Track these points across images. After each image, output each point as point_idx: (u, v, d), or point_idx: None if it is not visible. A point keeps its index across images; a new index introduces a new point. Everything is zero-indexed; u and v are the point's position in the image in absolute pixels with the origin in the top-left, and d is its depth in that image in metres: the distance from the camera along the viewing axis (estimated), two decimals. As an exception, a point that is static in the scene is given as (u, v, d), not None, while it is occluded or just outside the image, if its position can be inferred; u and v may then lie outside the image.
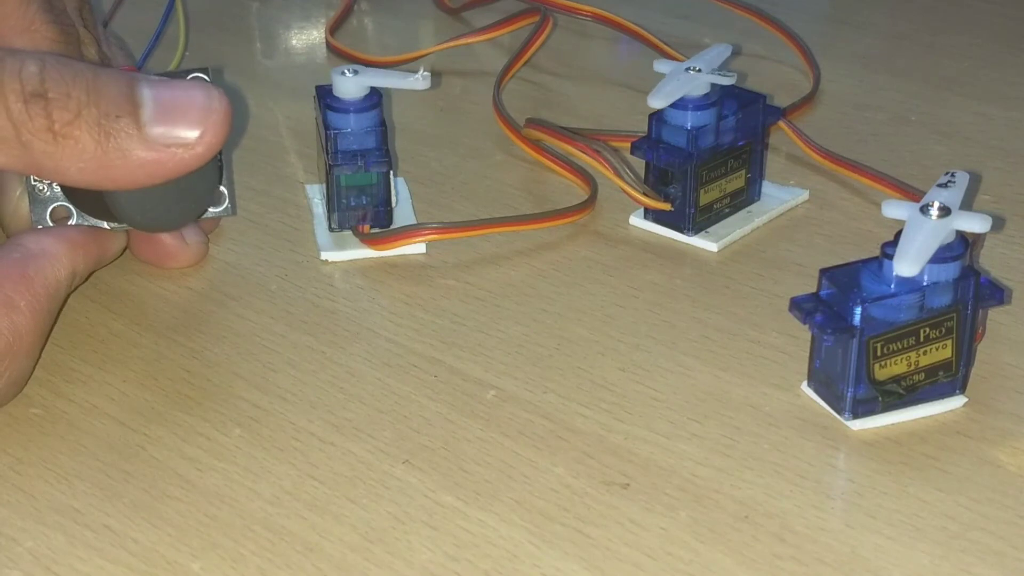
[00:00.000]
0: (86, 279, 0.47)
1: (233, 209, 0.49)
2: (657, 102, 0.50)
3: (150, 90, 0.41)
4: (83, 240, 0.45)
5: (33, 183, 0.46)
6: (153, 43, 0.62)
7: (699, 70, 0.50)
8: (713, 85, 0.51)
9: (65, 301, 0.45)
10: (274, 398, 0.43)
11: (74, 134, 0.40)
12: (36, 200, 0.46)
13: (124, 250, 0.49)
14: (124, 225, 0.46)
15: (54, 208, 0.46)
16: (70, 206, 0.46)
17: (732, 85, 0.51)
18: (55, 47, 0.47)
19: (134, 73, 0.42)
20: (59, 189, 0.46)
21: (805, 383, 0.43)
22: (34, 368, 0.43)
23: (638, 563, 0.37)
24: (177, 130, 0.41)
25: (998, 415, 0.42)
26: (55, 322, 0.45)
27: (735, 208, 0.53)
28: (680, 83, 0.50)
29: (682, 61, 0.52)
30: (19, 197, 0.47)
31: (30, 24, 0.46)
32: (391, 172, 0.51)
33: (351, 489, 0.40)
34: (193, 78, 0.46)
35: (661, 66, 0.52)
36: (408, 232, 0.51)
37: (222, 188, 0.48)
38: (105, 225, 0.47)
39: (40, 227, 0.46)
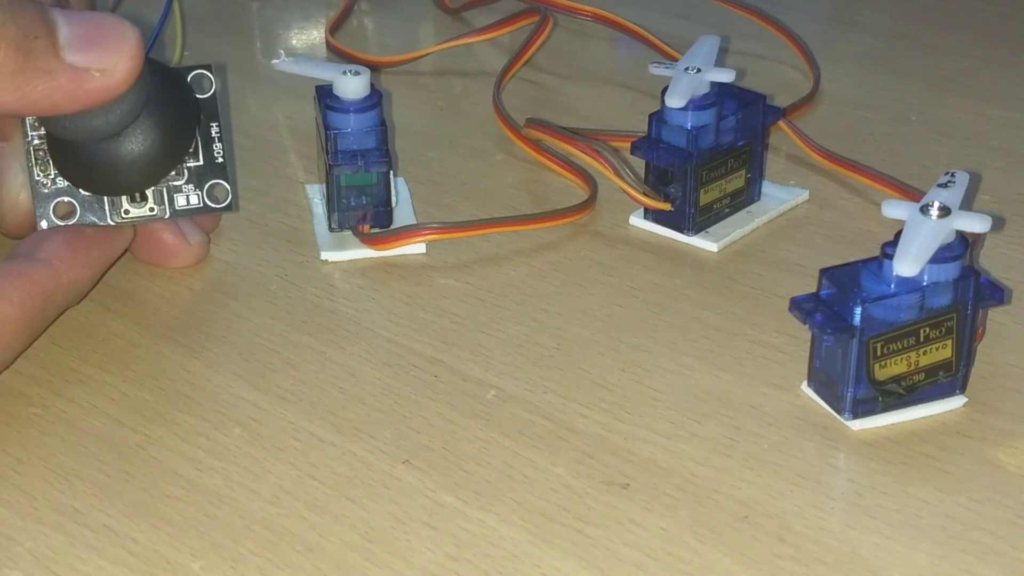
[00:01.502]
0: (98, 282, 0.47)
1: (236, 205, 0.49)
2: (675, 102, 0.49)
3: (62, 16, 0.41)
4: (86, 246, 0.45)
5: (36, 178, 0.46)
6: (152, 43, 0.62)
7: (698, 70, 0.50)
8: (712, 84, 0.51)
9: (66, 308, 0.46)
10: (274, 398, 0.43)
11: None
12: (39, 196, 0.46)
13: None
14: (127, 218, 0.47)
15: (57, 203, 0.46)
16: (74, 201, 0.46)
17: (732, 85, 0.51)
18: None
19: (41, 1, 0.42)
20: (62, 184, 0.46)
21: (805, 383, 0.43)
22: (10, 364, 0.44)
23: (638, 563, 0.37)
24: (95, 55, 0.41)
25: (998, 415, 0.42)
26: (47, 327, 0.45)
27: (735, 208, 0.53)
28: (690, 80, 0.50)
29: (677, 60, 0.52)
30: (19, 190, 0.47)
31: None
32: (391, 172, 0.51)
33: (351, 489, 0.40)
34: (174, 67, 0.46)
35: (658, 69, 0.52)
36: (408, 232, 0.51)
37: (225, 184, 0.48)
38: (109, 220, 0.47)
39: (44, 226, 0.46)
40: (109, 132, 0.43)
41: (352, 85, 0.50)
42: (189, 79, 0.47)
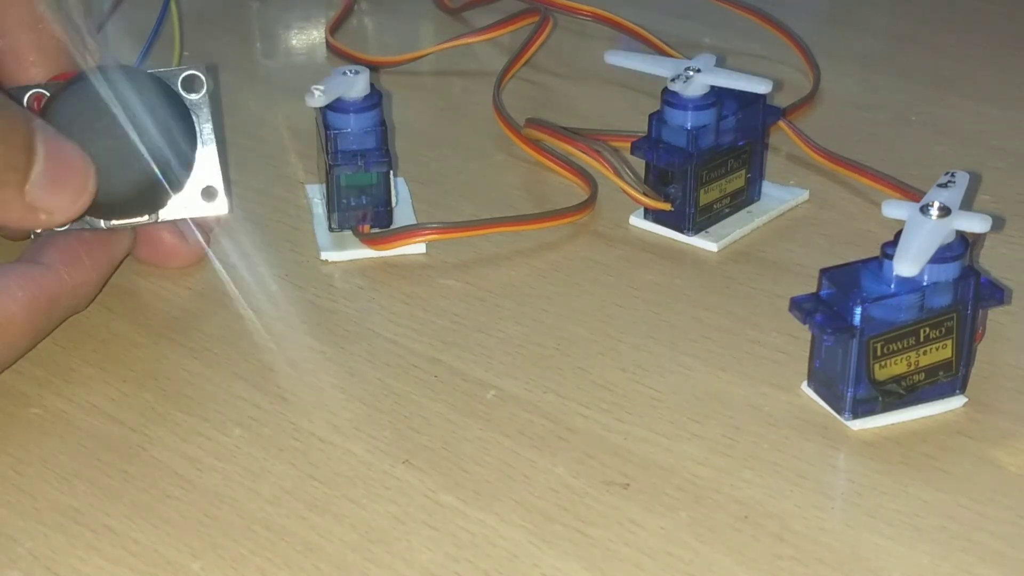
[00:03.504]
0: (103, 286, 0.47)
1: (229, 208, 0.49)
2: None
3: (43, 146, 0.41)
4: (87, 250, 0.45)
5: None
6: (149, 44, 0.62)
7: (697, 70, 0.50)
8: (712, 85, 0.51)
9: (71, 314, 0.46)
10: (274, 398, 0.43)
11: None
12: None
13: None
14: (123, 221, 0.47)
15: None
16: None
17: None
18: (59, 47, 0.47)
19: (34, 118, 0.42)
20: None
21: (805, 383, 0.43)
22: (12, 363, 0.44)
23: (638, 563, 0.37)
24: (53, 199, 0.41)
25: (998, 415, 0.42)
26: (52, 330, 0.45)
27: (735, 208, 0.53)
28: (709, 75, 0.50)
29: (677, 60, 0.52)
30: None
31: (38, 21, 0.46)
32: (391, 172, 0.51)
33: (351, 489, 0.40)
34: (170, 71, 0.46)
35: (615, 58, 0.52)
36: (408, 232, 0.51)
37: (218, 186, 0.48)
38: (101, 224, 0.46)
39: (40, 231, 0.46)
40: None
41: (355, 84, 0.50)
42: (180, 80, 0.47)
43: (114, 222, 0.46)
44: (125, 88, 0.44)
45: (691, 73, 0.50)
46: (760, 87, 0.50)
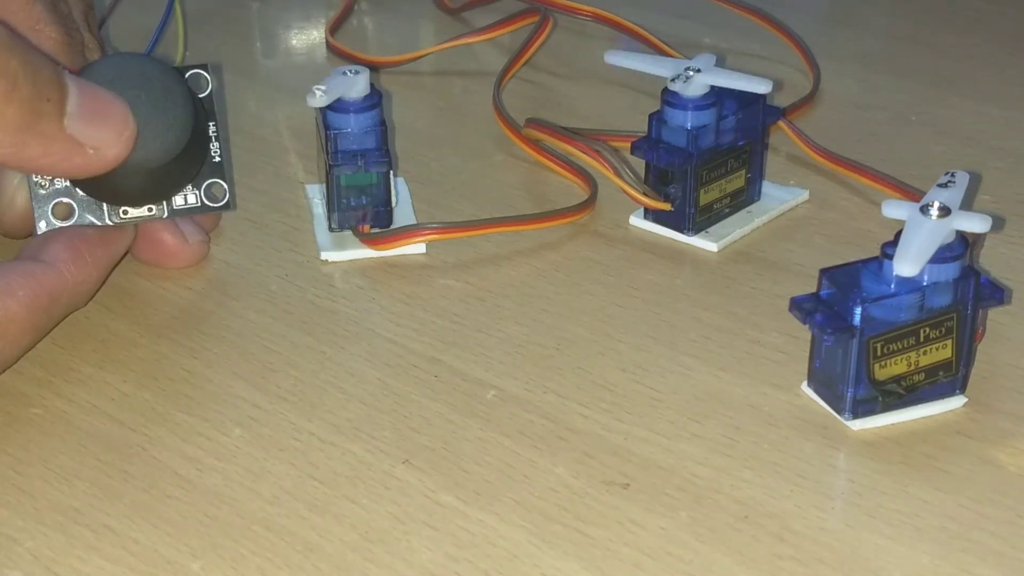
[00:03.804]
0: (103, 283, 0.47)
1: (233, 204, 0.49)
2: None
3: (74, 84, 0.41)
4: (88, 247, 0.45)
5: (34, 180, 0.46)
6: (154, 42, 0.62)
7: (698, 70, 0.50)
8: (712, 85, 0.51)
9: (71, 311, 0.46)
10: (274, 398, 0.43)
11: (4, 105, 0.39)
12: (37, 197, 0.46)
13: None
14: (126, 218, 0.47)
15: (56, 204, 0.46)
16: (72, 202, 0.46)
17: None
18: (58, 48, 0.47)
19: (56, 62, 0.42)
20: (60, 185, 0.46)
21: (805, 383, 0.43)
22: (14, 362, 0.44)
23: (638, 563, 0.37)
24: (94, 131, 0.41)
25: (998, 415, 0.42)
26: (52, 328, 0.45)
27: (735, 208, 0.53)
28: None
29: (678, 59, 0.52)
30: (15, 190, 0.47)
31: (35, 23, 0.46)
32: (391, 172, 0.51)
33: (351, 489, 0.40)
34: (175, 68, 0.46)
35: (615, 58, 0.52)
36: (408, 232, 0.51)
37: (222, 183, 0.48)
38: (107, 220, 0.47)
39: (43, 227, 0.46)
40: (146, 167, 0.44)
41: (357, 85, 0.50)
42: (186, 78, 0.47)
43: (118, 217, 0.47)
44: (150, 64, 0.44)
45: (691, 73, 0.50)
46: (760, 87, 0.50)
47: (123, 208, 0.47)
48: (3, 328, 0.42)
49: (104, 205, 0.47)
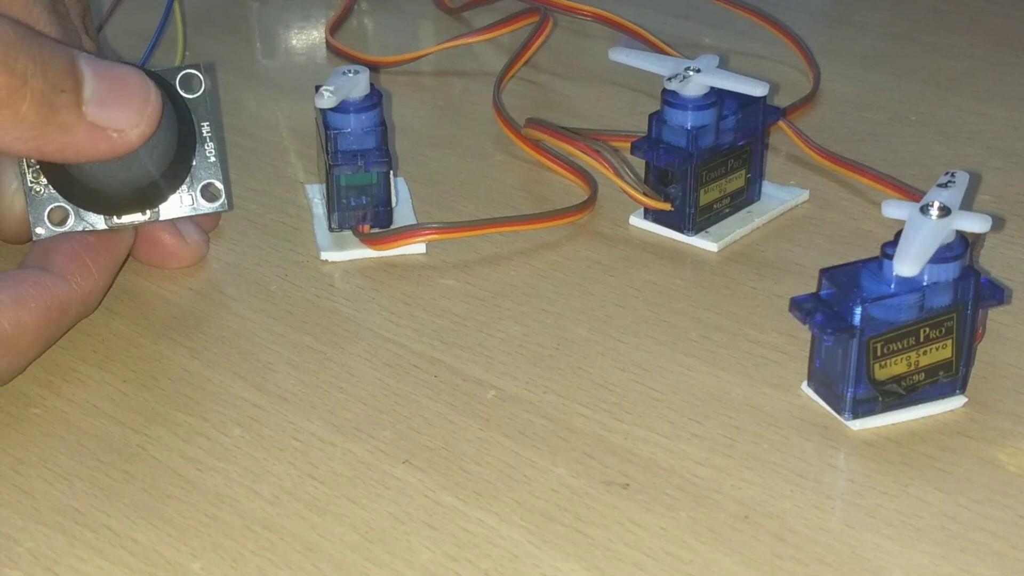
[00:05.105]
0: (108, 289, 0.47)
1: (230, 204, 0.49)
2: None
3: (90, 68, 0.41)
4: (92, 255, 0.45)
5: (30, 185, 0.46)
6: (153, 44, 0.62)
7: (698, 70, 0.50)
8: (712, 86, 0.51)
9: (78, 320, 0.46)
10: (274, 398, 0.43)
11: (17, 103, 0.39)
12: (33, 202, 0.46)
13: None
14: (123, 221, 0.46)
15: (52, 209, 0.46)
16: (67, 207, 0.46)
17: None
18: None
19: (72, 48, 0.42)
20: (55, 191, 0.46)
21: (805, 383, 0.43)
22: (21, 372, 0.44)
23: (638, 563, 0.37)
24: (115, 114, 0.41)
25: (998, 415, 0.42)
26: (60, 338, 0.45)
27: (735, 208, 0.53)
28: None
29: (678, 59, 0.52)
30: (12, 195, 0.46)
31: (34, 24, 0.46)
32: (391, 172, 0.51)
33: (351, 489, 0.40)
34: (161, 71, 0.46)
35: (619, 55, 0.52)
36: (408, 232, 0.51)
37: (218, 183, 0.48)
38: (102, 224, 0.46)
39: (41, 232, 0.46)
40: (131, 178, 0.44)
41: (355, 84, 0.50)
42: (178, 79, 0.47)
43: (115, 221, 0.46)
44: None
45: (689, 73, 0.50)
46: (757, 90, 0.50)
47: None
48: (15, 340, 0.42)
49: None
